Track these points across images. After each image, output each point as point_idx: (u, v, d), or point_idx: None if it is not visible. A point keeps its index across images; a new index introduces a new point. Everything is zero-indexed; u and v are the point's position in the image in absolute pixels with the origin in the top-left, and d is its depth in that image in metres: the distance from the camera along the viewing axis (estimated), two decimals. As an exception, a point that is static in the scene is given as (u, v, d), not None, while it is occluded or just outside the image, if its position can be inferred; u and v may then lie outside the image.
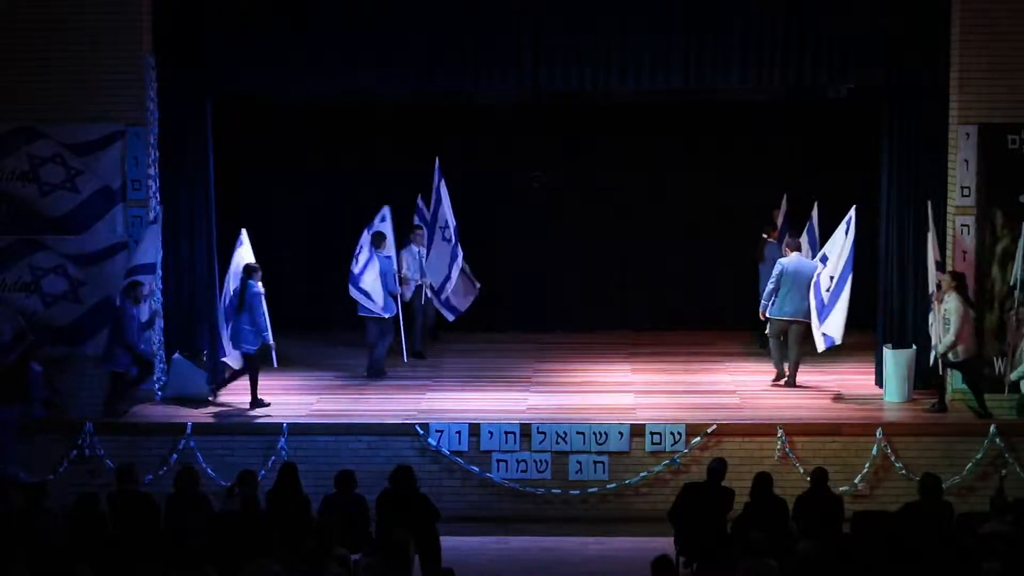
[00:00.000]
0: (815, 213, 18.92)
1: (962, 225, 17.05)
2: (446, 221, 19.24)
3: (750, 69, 17.41)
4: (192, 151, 17.83)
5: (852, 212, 17.14)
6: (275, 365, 17.62)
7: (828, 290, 17.16)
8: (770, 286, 17.82)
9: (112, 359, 16.78)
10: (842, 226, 17.21)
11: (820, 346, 17.35)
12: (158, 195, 17.53)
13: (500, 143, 21.13)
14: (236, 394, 17.56)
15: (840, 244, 17.14)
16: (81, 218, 17.31)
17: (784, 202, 19.55)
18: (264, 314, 17.07)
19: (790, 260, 17.80)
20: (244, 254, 17.43)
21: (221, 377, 17.53)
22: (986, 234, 17.03)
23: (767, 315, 17.87)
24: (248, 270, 17.14)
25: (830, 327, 17.10)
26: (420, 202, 19.65)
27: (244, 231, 17.54)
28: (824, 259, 17.40)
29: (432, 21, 17.37)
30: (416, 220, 19.61)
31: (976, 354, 16.70)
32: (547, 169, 21.43)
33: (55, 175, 17.26)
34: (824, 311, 17.20)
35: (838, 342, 17.17)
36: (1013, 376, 16.70)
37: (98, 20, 17.02)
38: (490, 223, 21.25)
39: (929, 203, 17.03)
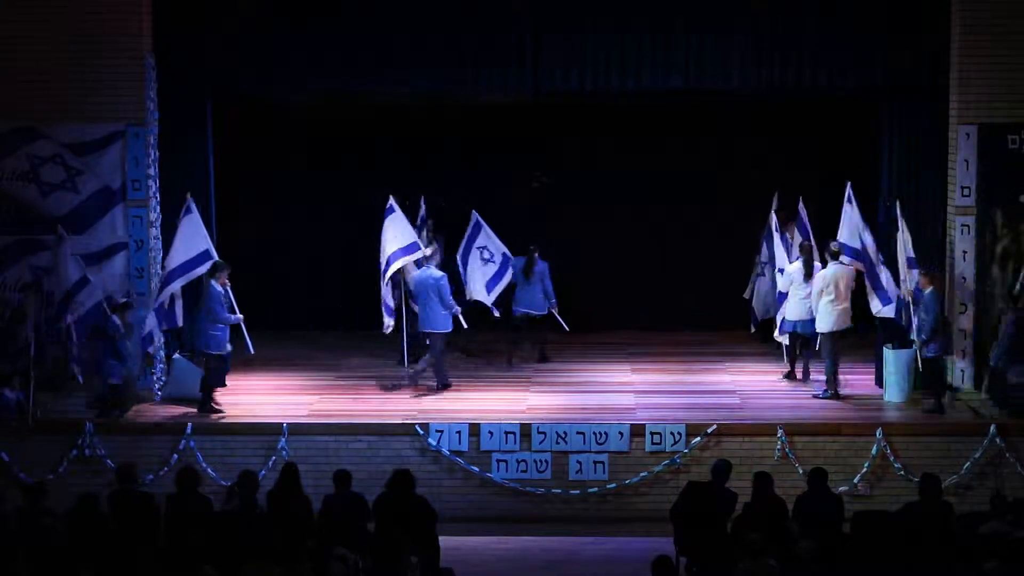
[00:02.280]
0: (802, 208, 18.70)
1: (962, 225, 17.06)
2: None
3: (750, 69, 17.44)
4: (192, 151, 17.84)
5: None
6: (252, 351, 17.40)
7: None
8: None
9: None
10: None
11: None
12: (158, 195, 17.54)
13: (500, 143, 21.12)
14: (236, 394, 17.56)
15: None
16: (81, 218, 17.31)
17: (775, 200, 19.45)
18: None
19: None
20: None
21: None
22: (986, 234, 17.03)
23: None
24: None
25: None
26: (423, 203, 19.52)
27: None
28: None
29: (432, 21, 17.39)
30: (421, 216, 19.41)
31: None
32: (547, 169, 21.43)
33: (55, 175, 17.27)
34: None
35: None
36: (992, 360, 16.71)
37: (98, 20, 17.03)
38: (490, 223, 21.22)
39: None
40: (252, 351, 17.13)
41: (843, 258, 17.15)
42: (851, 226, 17.10)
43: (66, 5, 17.05)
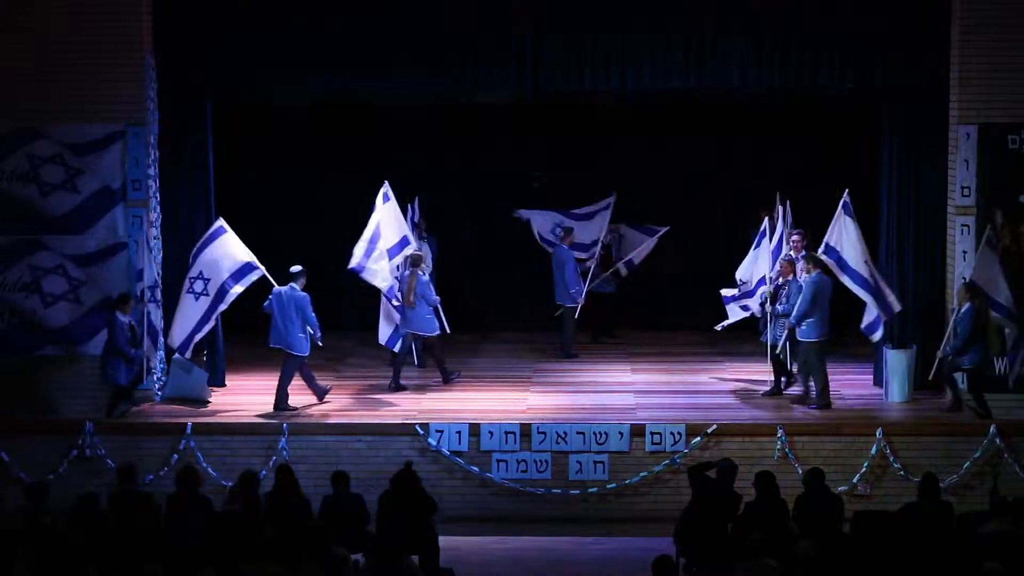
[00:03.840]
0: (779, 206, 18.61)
1: (962, 225, 17.05)
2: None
3: (750, 69, 17.43)
4: (192, 151, 17.84)
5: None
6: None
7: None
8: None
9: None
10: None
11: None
12: (158, 195, 17.54)
13: (500, 143, 21.12)
14: (236, 394, 17.57)
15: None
16: (81, 218, 17.31)
17: (779, 202, 19.46)
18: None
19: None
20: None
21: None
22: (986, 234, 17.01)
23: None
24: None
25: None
26: (416, 203, 19.50)
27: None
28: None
29: (432, 21, 17.39)
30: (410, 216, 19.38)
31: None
32: (547, 169, 21.43)
33: (55, 175, 17.27)
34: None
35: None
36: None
37: (98, 20, 17.03)
38: (490, 223, 21.26)
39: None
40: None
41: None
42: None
43: (66, 5, 17.04)
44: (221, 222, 17.34)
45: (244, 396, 17.57)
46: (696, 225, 21.10)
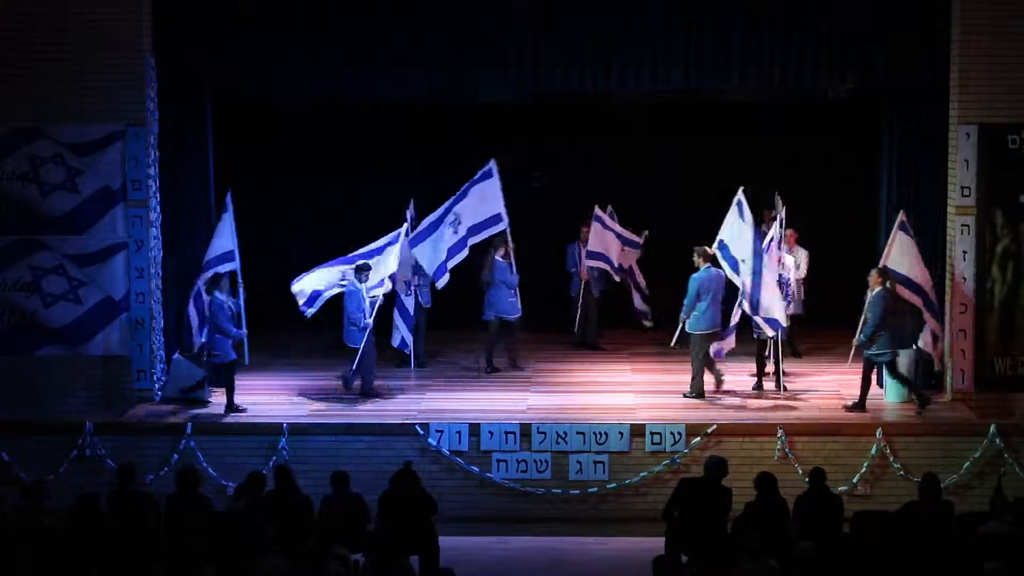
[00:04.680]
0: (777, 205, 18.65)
1: (962, 225, 17.05)
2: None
3: (750, 69, 17.44)
4: (192, 151, 17.84)
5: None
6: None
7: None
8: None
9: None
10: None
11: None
12: (158, 195, 17.53)
13: (500, 143, 21.11)
14: (236, 394, 17.55)
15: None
16: (81, 218, 17.31)
17: (778, 202, 19.45)
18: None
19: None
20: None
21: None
22: (986, 234, 17.03)
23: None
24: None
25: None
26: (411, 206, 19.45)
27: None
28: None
29: (432, 21, 17.39)
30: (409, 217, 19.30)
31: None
32: (547, 169, 21.42)
33: (55, 175, 17.26)
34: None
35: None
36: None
37: (98, 20, 17.02)
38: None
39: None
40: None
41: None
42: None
43: (66, 5, 17.04)
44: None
45: (244, 396, 17.56)
46: (696, 224, 21.06)
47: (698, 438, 16.28)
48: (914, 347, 17.28)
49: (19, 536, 12.51)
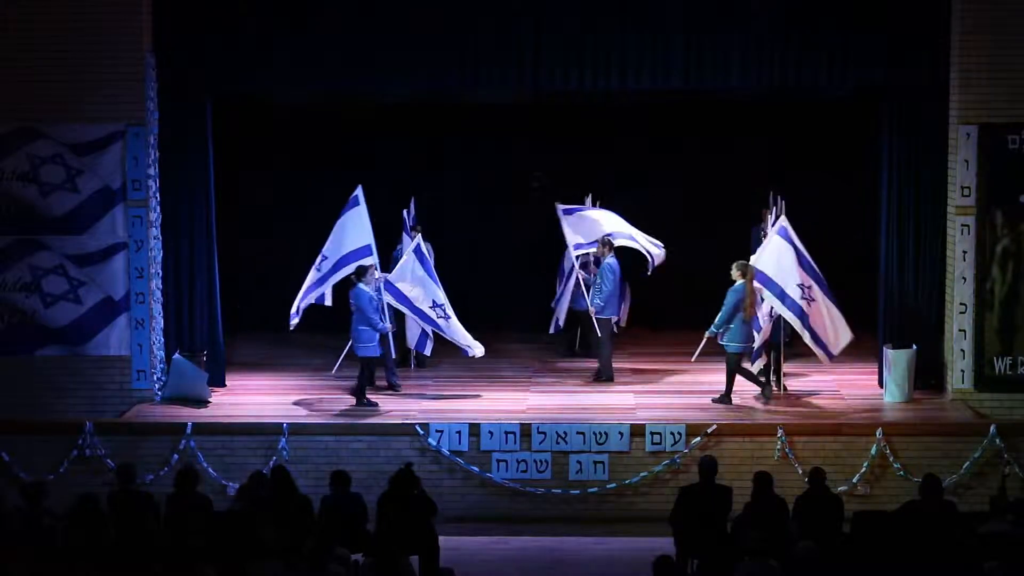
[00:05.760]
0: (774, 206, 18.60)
1: (962, 225, 17.05)
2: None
3: (750, 69, 17.43)
4: (192, 151, 17.83)
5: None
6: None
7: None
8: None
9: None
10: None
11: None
12: (158, 195, 17.53)
13: (500, 143, 21.12)
14: (236, 394, 17.57)
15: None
16: (81, 218, 17.31)
17: (777, 201, 19.43)
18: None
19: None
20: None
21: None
22: (986, 234, 17.03)
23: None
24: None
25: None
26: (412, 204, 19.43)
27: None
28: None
29: (432, 21, 17.38)
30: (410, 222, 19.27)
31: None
32: (547, 169, 21.42)
33: (55, 175, 17.26)
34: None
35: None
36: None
37: (98, 20, 17.02)
38: (490, 223, 21.25)
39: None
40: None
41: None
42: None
43: (66, 5, 17.03)
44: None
45: (244, 396, 17.57)
46: (696, 224, 21.09)
47: (698, 438, 16.28)
48: (913, 347, 17.30)
49: (19, 536, 12.50)
